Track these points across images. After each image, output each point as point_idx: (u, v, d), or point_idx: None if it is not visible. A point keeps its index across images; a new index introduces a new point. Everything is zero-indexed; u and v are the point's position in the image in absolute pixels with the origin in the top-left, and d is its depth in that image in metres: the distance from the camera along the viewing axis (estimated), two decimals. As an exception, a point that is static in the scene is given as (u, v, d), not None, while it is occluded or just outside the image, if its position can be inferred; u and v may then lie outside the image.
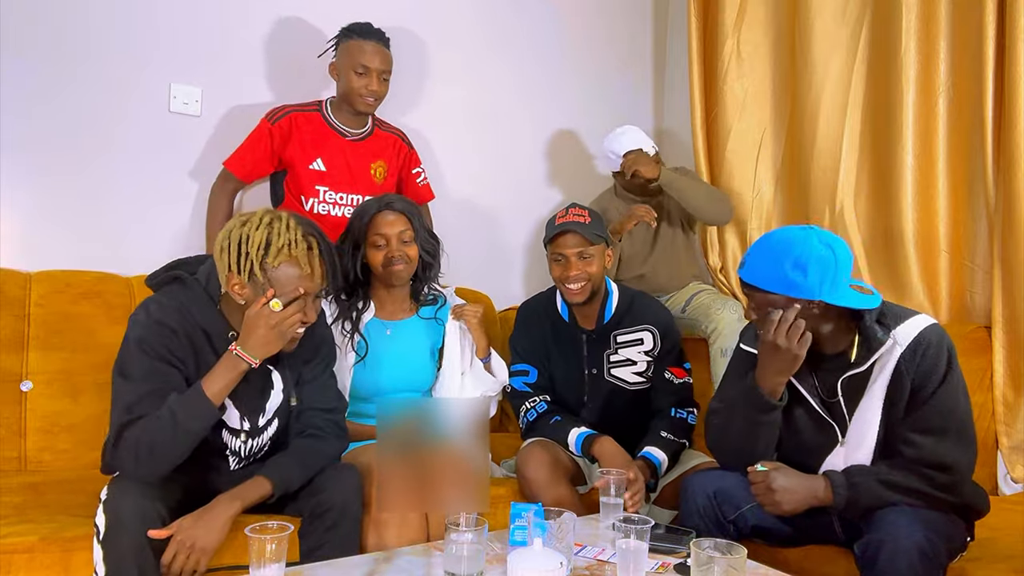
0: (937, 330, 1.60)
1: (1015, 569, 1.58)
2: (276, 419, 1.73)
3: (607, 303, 2.17)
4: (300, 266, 1.55)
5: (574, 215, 2.07)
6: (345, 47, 2.41)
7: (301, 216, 1.64)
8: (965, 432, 1.55)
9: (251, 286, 1.55)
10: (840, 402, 1.64)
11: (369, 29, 2.41)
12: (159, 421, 1.48)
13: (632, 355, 2.16)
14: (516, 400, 2.21)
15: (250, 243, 1.53)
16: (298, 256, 1.54)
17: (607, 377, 2.16)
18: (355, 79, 2.39)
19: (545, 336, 2.21)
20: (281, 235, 1.54)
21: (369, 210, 2.05)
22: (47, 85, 2.31)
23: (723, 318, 2.54)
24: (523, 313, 2.29)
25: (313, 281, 1.57)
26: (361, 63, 2.37)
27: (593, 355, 2.17)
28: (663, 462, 2.02)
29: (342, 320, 2.04)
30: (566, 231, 2.06)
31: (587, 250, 2.06)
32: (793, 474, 1.59)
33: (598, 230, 2.09)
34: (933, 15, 2.45)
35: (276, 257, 1.53)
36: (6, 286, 2.12)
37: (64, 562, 1.51)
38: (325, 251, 1.60)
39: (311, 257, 1.56)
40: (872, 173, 2.66)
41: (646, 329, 2.17)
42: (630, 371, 2.16)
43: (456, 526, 1.36)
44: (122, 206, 2.42)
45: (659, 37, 3.59)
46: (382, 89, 2.44)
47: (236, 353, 1.54)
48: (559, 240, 2.07)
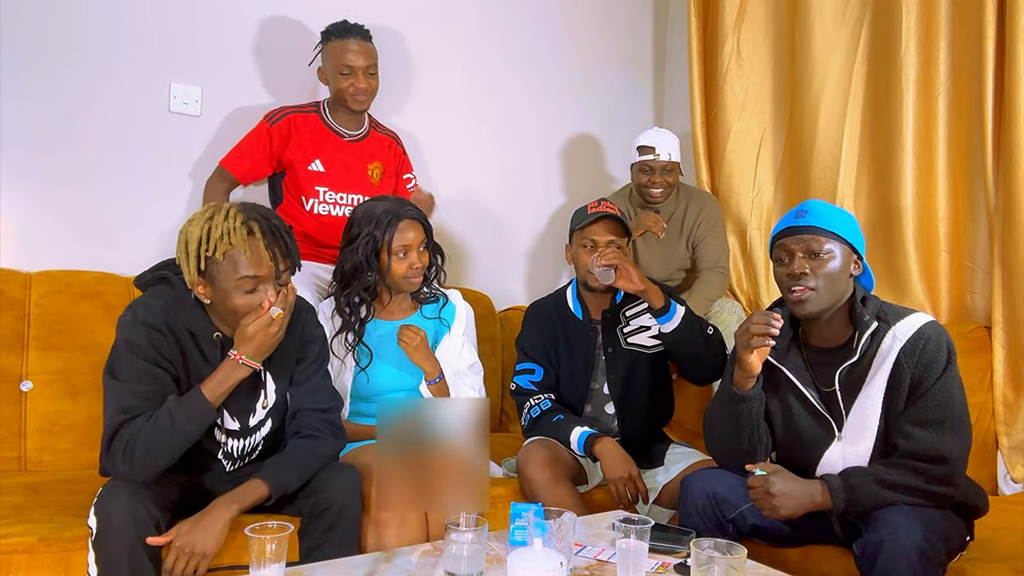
0: (936, 326, 1.61)
1: (1015, 569, 1.58)
2: (269, 419, 1.72)
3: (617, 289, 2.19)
4: (243, 252, 1.52)
5: (607, 207, 2.11)
6: (327, 50, 2.41)
7: (249, 204, 1.62)
8: (961, 423, 1.56)
9: (211, 286, 1.55)
10: (837, 395, 1.65)
11: (347, 27, 2.41)
12: (157, 422, 1.49)
13: (644, 321, 2.19)
14: (520, 397, 2.22)
15: (194, 241, 1.53)
16: (237, 243, 1.52)
17: (626, 346, 2.18)
18: (342, 80, 2.39)
19: (556, 336, 2.22)
20: (219, 226, 1.52)
21: (386, 218, 1.98)
22: (47, 85, 2.31)
23: (722, 320, 2.55)
24: (532, 313, 2.30)
25: (262, 266, 1.54)
26: (344, 64, 2.38)
27: (608, 338, 2.19)
28: (679, 309, 2.06)
29: (345, 332, 2.03)
30: (602, 218, 2.09)
31: (617, 240, 2.10)
32: (791, 478, 1.59)
33: (626, 223, 2.14)
34: (933, 15, 2.45)
35: (217, 249, 1.52)
36: (6, 286, 2.12)
37: (64, 562, 1.51)
38: (269, 232, 1.56)
39: (253, 242, 1.53)
40: (872, 173, 2.66)
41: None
42: (646, 336, 2.18)
43: (456, 526, 1.36)
44: (122, 206, 2.42)
45: (659, 37, 3.59)
46: (371, 84, 2.44)
47: (242, 361, 1.55)
48: (593, 227, 2.10)
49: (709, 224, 2.75)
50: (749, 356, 1.63)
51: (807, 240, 1.62)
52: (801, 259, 1.62)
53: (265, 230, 1.55)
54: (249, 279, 1.53)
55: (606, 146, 3.43)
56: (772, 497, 1.55)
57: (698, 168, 3.16)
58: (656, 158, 2.67)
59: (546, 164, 3.30)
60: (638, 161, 2.71)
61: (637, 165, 2.73)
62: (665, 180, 2.70)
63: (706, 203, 2.80)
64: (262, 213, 1.60)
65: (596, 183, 3.38)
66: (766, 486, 1.56)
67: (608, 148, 3.43)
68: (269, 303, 1.54)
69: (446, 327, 2.14)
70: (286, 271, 1.59)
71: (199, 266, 1.53)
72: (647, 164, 2.69)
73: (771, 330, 1.57)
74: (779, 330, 1.58)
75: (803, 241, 1.63)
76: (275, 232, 1.58)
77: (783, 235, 1.67)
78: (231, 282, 1.53)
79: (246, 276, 1.53)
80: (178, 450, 1.52)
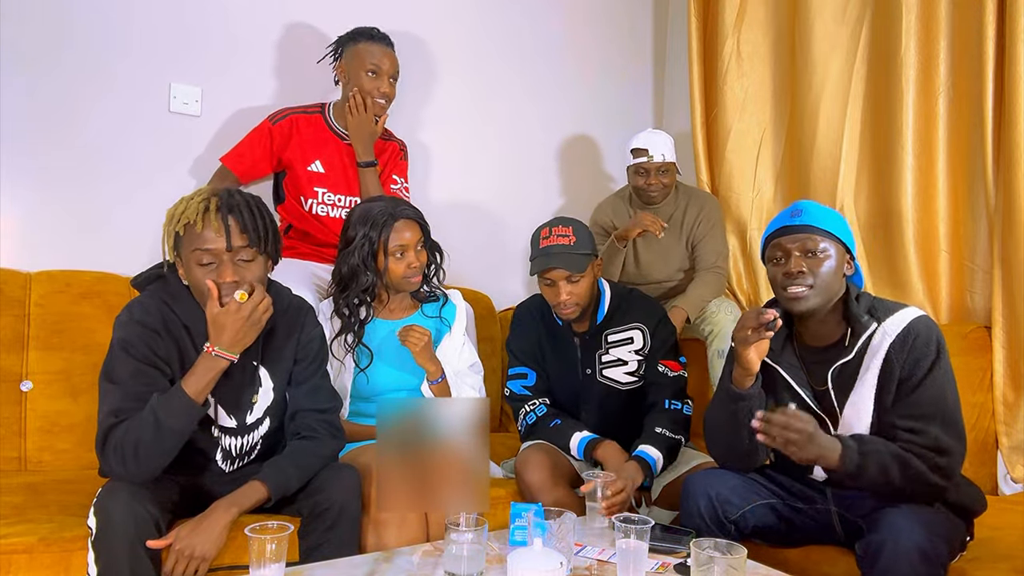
0: (926, 320, 1.62)
1: (1015, 569, 1.58)
2: (267, 418, 1.72)
3: (600, 305, 2.16)
4: (196, 225, 1.53)
5: (558, 236, 2.01)
6: (354, 50, 2.42)
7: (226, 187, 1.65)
8: (953, 420, 1.56)
9: (182, 264, 1.58)
10: (830, 393, 1.65)
11: (376, 33, 2.44)
12: (141, 421, 1.48)
13: (623, 355, 2.14)
14: (515, 403, 2.20)
15: (167, 219, 1.58)
16: (190, 216, 1.54)
17: (599, 379, 2.15)
18: (367, 80, 2.40)
19: (540, 338, 2.20)
20: (183, 203, 1.57)
21: (381, 218, 1.97)
22: (47, 85, 2.30)
23: (720, 320, 2.55)
24: (518, 315, 2.28)
25: (217, 240, 1.54)
26: (372, 63, 2.40)
27: (586, 356, 2.16)
28: (658, 460, 1.97)
29: (345, 334, 2.03)
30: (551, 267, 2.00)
31: (574, 275, 2.01)
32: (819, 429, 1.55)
33: (585, 248, 2.02)
34: (933, 15, 2.45)
35: (179, 223, 1.55)
36: (6, 286, 2.12)
37: (64, 562, 1.51)
38: (225, 206, 1.56)
39: (207, 217, 1.54)
40: (872, 173, 2.66)
41: (635, 328, 2.14)
42: (622, 371, 2.14)
43: (456, 526, 1.36)
44: (122, 206, 2.41)
45: (659, 37, 3.59)
46: (392, 91, 2.46)
47: (214, 353, 1.54)
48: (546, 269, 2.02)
49: (708, 224, 2.75)
50: (748, 353, 1.63)
51: (803, 239, 1.63)
52: (798, 258, 1.63)
53: (222, 204, 1.56)
54: (201, 252, 1.54)
55: (606, 146, 3.43)
56: (805, 436, 1.51)
57: (698, 168, 3.16)
58: (650, 160, 2.66)
59: (546, 164, 3.30)
60: (633, 164, 2.71)
61: (632, 168, 2.73)
62: (661, 181, 2.70)
63: (706, 203, 2.80)
64: (231, 191, 1.61)
65: (595, 183, 3.38)
66: (802, 424, 1.52)
67: (608, 148, 3.43)
68: (212, 285, 1.53)
69: (447, 326, 2.14)
70: (245, 247, 1.57)
71: (172, 244, 1.57)
72: (642, 167, 2.69)
73: (763, 318, 1.57)
74: (773, 318, 1.57)
75: (799, 240, 1.63)
76: (234, 207, 1.57)
77: (778, 235, 1.68)
78: (188, 255, 1.55)
79: (197, 248, 1.54)
80: (170, 448, 1.51)
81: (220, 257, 1.55)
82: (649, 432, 2.02)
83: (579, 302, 2.04)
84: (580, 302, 2.05)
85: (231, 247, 1.55)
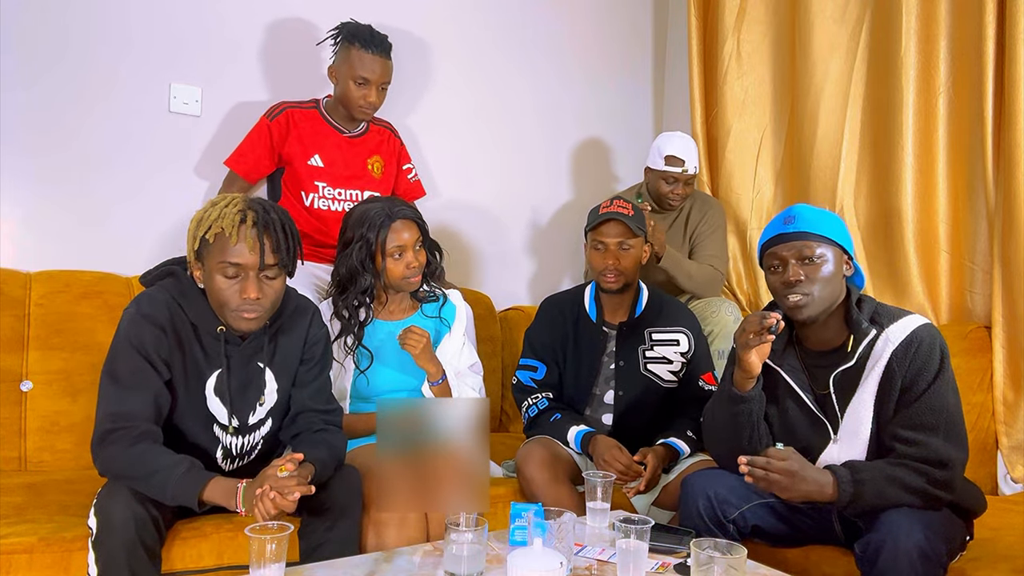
0: (930, 329, 1.61)
1: (1015, 569, 1.58)
2: (270, 419, 1.72)
3: (638, 298, 2.19)
4: (230, 237, 1.50)
5: (619, 206, 2.10)
6: (346, 54, 2.38)
7: (258, 198, 1.61)
8: (955, 430, 1.55)
9: (202, 268, 1.56)
10: (832, 397, 1.65)
11: (373, 39, 2.37)
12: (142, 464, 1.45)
13: (668, 354, 2.17)
14: (519, 395, 2.22)
15: (195, 222, 1.56)
16: (227, 227, 1.51)
17: (643, 371, 2.16)
18: (354, 88, 2.38)
19: (566, 335, 2.21)
20: (219, 210, 1.54)
21: (378, 219, 1.96)
22: (47, 85, 2.30)
23: (720, 320, 2.55)
24: (544, 308, 2.29)
25: (251, 256, 1.51)
26: (361, 75, 2.37)
27: (624, 348, 2.17)
28: (686, 452, 2.06)
29: (344, 336, 2.02)
30: (610, 219, 2.09)
31: (628, 241, 2.09)
32: (807, 464, 1.56)
33: (639, 223, 2.12)
34: (933, 15, 2.45)
35: (210, 230, 1.52)
36: (6, 286, 2.12)
37: (64, 562, 1.51)
38: (262, 223, 1.53)
39: (243, 229, 1.51)
40: (872, 173, 2.66)
41: (682, 332, 2.19)
42: (666, 369, 2.17)
43: (456, 526, 1.36)
44: (122, 206, 2.42)
45: (659, 37, 3.59)
46: (380, 99, 2.44)
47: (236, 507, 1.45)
48: (602, 228, 2.10)
49: (710, 227, 2.75)
50: (749, 356, 1.63)
51: (799, 246, 1.62)
52: (795, 266, 1.62)
53: (259, 220, 1.54)
54: (230, 265, 1.52)
55: (606, 145, 3.43)
56: (788, 476, 1.51)
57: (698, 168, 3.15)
58: (684, 172, 2.63)
59: (546, 163, 3.30)
60: (662, 170, 2.65)
61: (660, 173, 2.67)
62: (686, 191, 2.70)
63: (710, 207, 2.80)
64: (265, 206, 1.58)
65: (596, 182, 3.39)
66: (788, 463, 1.52)
67: (608, 147, 3.43)
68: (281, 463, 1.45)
69: (446, 327, 2.14)
70: (274, 265, 1.56)
71: (196, 247, 1.55)
72: (672, 175, 2.64)
73: (766, 322, 1.57)
74: (775, 322, 1.57)
75: (795, 247, 1.62)
76: (269, 225, 1.55)
77: (773, 243, 1.67)
78: (214, 263, 1.53)
79: (226, 260, 1.52)
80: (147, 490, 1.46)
81: (248, 272, 1.54)
82: (681, 431, 2.10)
83: (624, 272, 2.09)
84: (625, 272, 2.10)
85: (264, 265, 1.54)
